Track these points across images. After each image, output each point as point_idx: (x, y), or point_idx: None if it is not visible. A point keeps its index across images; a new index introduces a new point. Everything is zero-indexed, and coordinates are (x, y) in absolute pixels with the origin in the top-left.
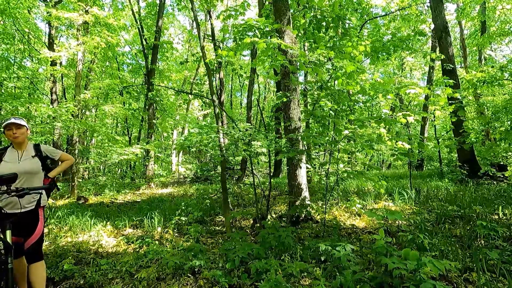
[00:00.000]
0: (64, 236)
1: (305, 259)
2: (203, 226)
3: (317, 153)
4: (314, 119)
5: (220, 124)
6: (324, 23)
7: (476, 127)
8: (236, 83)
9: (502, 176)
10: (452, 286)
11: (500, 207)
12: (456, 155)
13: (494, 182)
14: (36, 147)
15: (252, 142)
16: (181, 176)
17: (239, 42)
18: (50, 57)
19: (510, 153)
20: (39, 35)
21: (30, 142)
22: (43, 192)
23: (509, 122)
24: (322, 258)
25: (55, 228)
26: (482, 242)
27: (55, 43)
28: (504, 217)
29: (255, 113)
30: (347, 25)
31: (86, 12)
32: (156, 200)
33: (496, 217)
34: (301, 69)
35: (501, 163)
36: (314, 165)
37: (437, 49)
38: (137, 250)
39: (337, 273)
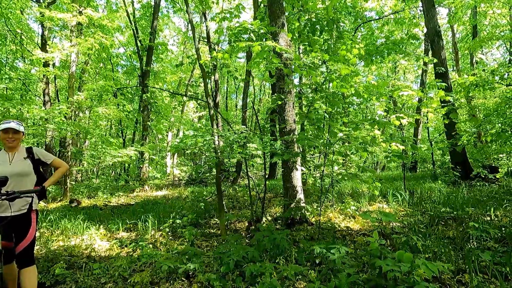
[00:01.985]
0: (56, 240)
1: (300, 262)
2: (198, 229)
3: (312, 155)
4: (309, 122)
5: (215, 126)
6: (318, 26)
7: (468, 129)
8: (231, 85)
9: (493, 177)
10: None
11: (492, 209)
12: (449, 157)
13: (486, 184)
14: (28, 149)
15: (247, 145)
16: (176, 179)
17: (234, 45)
18: (43, 58)
19: (501, 155)
20: (32, 36)
21: (22, 145)
22: (35, 195)
23: (500, 125)
24: (317, 261)
25: (47, 232)
26: (475, 243)
27: (48, 44)
28: (496, 219)
29: (251, 115)
30: (341, 28)
31: (80, 13)
32: (150, 202)
33: (488, 218)
34: (296, 72)
35: (493, 164)
36: (309, 167)
37: (430, 52)
38: (131, 253)
39: (332, 276)
